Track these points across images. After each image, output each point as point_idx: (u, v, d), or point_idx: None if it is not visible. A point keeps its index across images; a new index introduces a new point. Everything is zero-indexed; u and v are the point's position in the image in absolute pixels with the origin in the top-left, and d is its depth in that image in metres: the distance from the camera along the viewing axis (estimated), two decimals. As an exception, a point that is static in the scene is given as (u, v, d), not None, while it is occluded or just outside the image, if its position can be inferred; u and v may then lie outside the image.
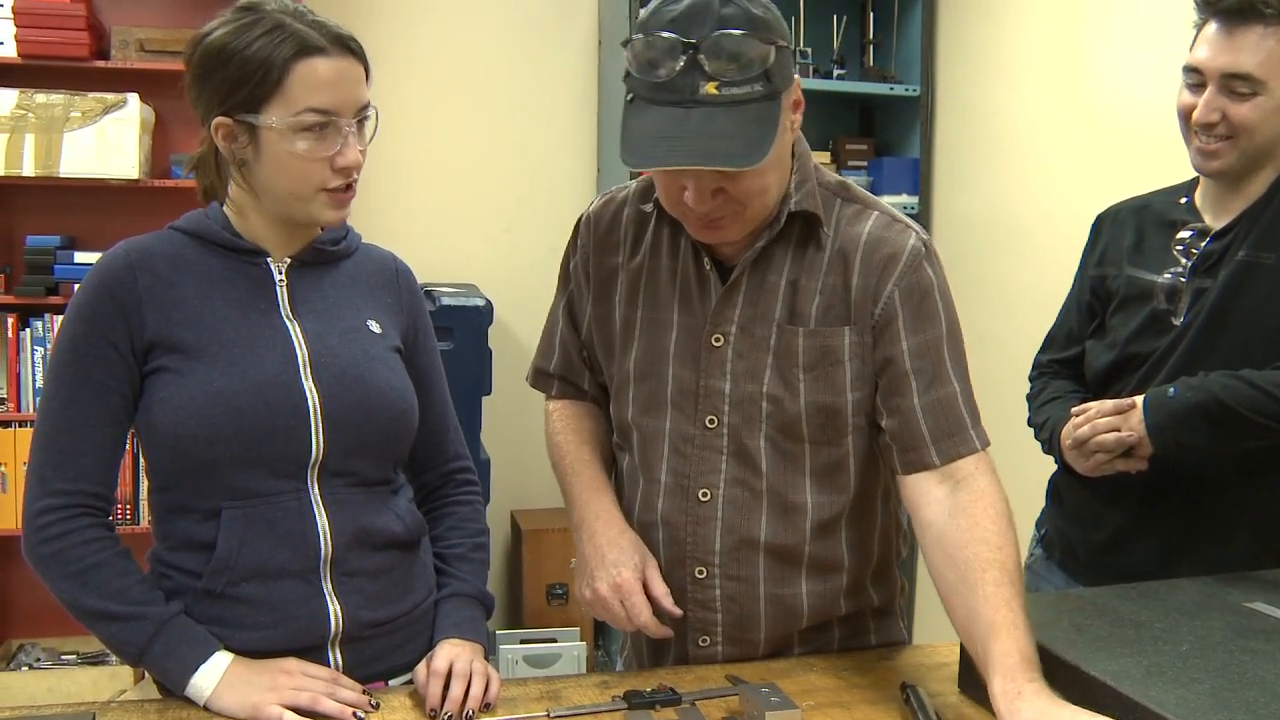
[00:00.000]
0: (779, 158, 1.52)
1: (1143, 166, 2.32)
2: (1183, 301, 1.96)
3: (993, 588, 1.44)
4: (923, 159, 4.23)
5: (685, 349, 1.65)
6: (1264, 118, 1.86)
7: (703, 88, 1.41)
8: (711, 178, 1.47)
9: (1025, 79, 3.70)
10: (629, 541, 1.69)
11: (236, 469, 1.55)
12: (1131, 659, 1.40)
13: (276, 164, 1.54)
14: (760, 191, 1.52)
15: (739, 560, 1.66)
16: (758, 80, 1.43)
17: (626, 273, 1.72)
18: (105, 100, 3.63)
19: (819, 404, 1.61)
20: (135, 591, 1.54)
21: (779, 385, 1.61)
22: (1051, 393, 2.15)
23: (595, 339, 1.78)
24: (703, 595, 1.68)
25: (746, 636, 1.70)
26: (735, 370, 1.62)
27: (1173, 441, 1.85)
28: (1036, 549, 2.26)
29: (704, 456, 1.65)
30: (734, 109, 1.42)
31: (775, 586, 1.68)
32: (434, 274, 4.20)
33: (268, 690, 1.49)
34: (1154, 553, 1.98)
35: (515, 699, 1.59)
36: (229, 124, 1.54)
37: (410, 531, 1.70)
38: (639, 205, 1.72)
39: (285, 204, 1.59)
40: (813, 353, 1.60)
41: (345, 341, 1.64)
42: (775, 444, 1.63)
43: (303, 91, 1.51)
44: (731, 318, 1.62)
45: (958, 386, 1.60)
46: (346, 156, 1.56)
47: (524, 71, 4.38)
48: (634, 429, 1.71)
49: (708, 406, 1.64)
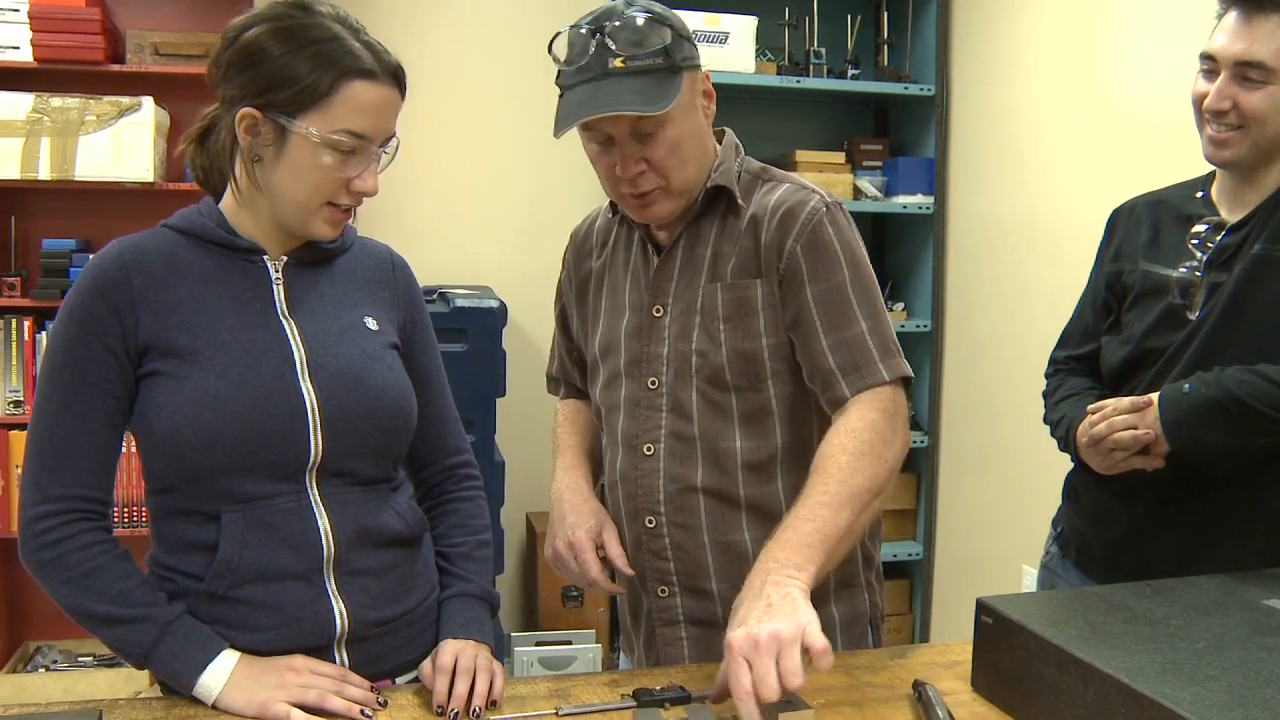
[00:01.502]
0: (693, 134, 1.73)
1: (1159, 163, 2.30)
2: (1198, 296, 1.94)
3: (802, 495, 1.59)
4: (938, 159, 4.22)
5: (634, 325, 1.84)
6: (1275, 107, 1.84)
7: (611, 63, 1.66)
8: (632, 145, 1.69)
9: (1040, 77, 3.68)
10: (590, 509, 1.88)
11: (234, 473, 1.53)
12: (1146, 656, 1.38)
13: (295, 170, 1.53)
14: (678, 164, 1.72)
15: (682, 508, 1.80)
16: (657, 55, 1.67)
17: (596, 271, 1.93)
18: (120, 104, 3.64)
19: (738, 351, 1.75)
20: (138, 594, 1.53)
21: (705, 340, 1.77)
22: (1067, 390, 2.13)
23: (582, 336, 1.98)
24: (655, 545, 1.82)
25: (700, 586, 1.81)
26: (671, 334, 1.80)
27: (1189, 438, 1.83)
28: (1053, 547, 2.24)
29: (648, 415, 1.82)
30: (637, 76, 1.66)
31: (719, 533, 1.79)
32: (448, 276, 4.20)
33: (276, 688, 1.49)
34: (1171, 550, 1.96)
35: (524, 697, 1.58)
36: (257, 117, 1.52)
37: (411, 529, 1.69)
38: (607, 215, 1.95)
39: (287, 209, 1.57)
40: (730, 305, 1.76)
41: (343, 340, 1.63)
42: (705, 395, 1.78)
43: (345, 111, 1.51)
44: (668, 290, 1.81)
45: (864, 325, 1.71)
46: (365, 182, 1.56)
47: (537, 72, 4.33)
48: (602, 404, 1.89)
49: (650, 370, 1.82)
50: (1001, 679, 1.55)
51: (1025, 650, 1.50)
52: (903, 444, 1.70)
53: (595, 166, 1.78)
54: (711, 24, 3.97)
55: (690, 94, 1.72)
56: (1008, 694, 1.54)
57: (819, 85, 4.20)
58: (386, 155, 1.60)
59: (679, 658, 1.84)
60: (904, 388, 1.74)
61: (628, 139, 1.69)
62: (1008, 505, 3.80)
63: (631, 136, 1.69)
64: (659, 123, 1.68)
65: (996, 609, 1.57)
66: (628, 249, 1.89)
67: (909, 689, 1.60)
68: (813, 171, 4.20)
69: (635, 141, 1.70)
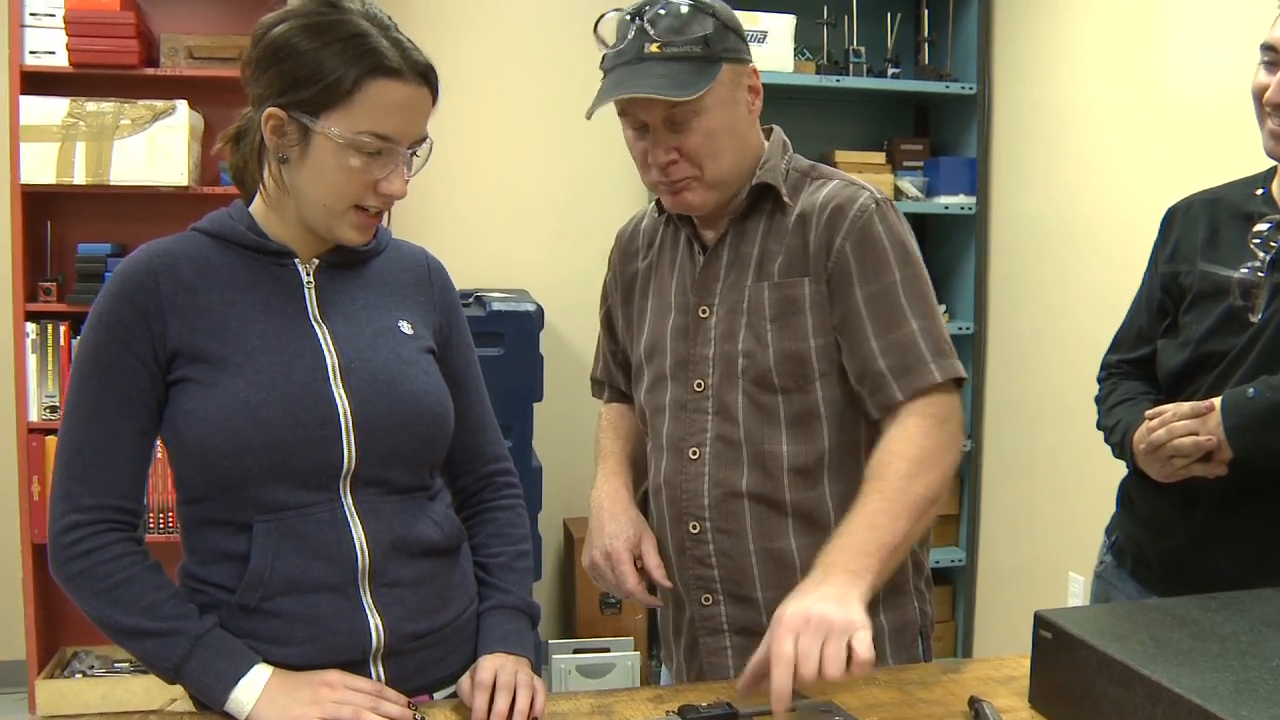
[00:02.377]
0: (730, 127, 1.71)
1: (1215, 159, 2.24)
2: (1261, 297, 1.87)
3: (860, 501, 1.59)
4: (980, 158, 4.17)
5: (680, 326, 1.81)
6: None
7: (647, 48, 1.66)
8: (665, 133, 1.68)
9: (1086, 73, 3.61)
10: (628, 518, 1.84)
11: (265, 482, 1.49)
12: (1218, 675, 1.32)
13: (319, 171, 1.49)
14: (711, 153, 1.69)
15: (727, 513, 1.76)
16: (695, 44, 1.66)
17: (642, 273, 1.91)
18: (155, 107, 3.64)
19: (785, 351, 1.72)
20: (168, 606, 1.49)
21: (752, 340, 1.74)
22: (1122, 394, 2.06)
23: (628, 339, 1.96)
24: (699, 551, 1.78)
25: (745, 594, 1.76)
26: (717, 335, 1.77)
27: (1254, 444, 1.76)
28: (1107, 556, 2.18)
29: (693, 419, 1.78)
30: (673, 62, 1.65)
31: (764, 540, 1.75)
32: (485, 279, 4.18)
33: (309, 704, 1.44)
34: (1232, 562, 1.90)
35: (565, 713, 1.53)
36: (282, 117, 1.48)
37: (449, 539, 1.64)
38: (654, 215, 1.92)
39: (313, 212, 1.53)
40: (777, 304, 1.73)
41: (376, 345, 1.59)
42: (751, 397, 1.74)
43: (369, 111, 1.47)
44: (714, 290, 1.79)
45: (916, 325, 1.68)
46: (392, 185, 1.52)
47: (573, 75, 4.32)
48: (646, 407, 1.86)
49: (695, 372, 1.79)
50: (1062, 696, 1.50)
51: (1087, 666, 1.44)
52: (958, 450, 1.68)
53: (631, 153, 1.76)
54: (750, 23, 3.93)
55: (731, 87, 1.70)
56: (1068, 712, 1.48)
57: (858, 84, 4.16)
58: (419, 159, 1.56)
59: (723, 668, 1.79)
60: (957, 389, 1.71)
61: (661, 126, 1.68)
62: (1053, 510, 3.73)
63: (665, 124, 1.68)
64: (693, 112, 1.66)
65: (1056, 623, 1.51)
66: (674, 249, 1.86)
67: (964, 705, 1.55)
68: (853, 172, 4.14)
69: (668, 129, 1.68)
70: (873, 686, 1.63)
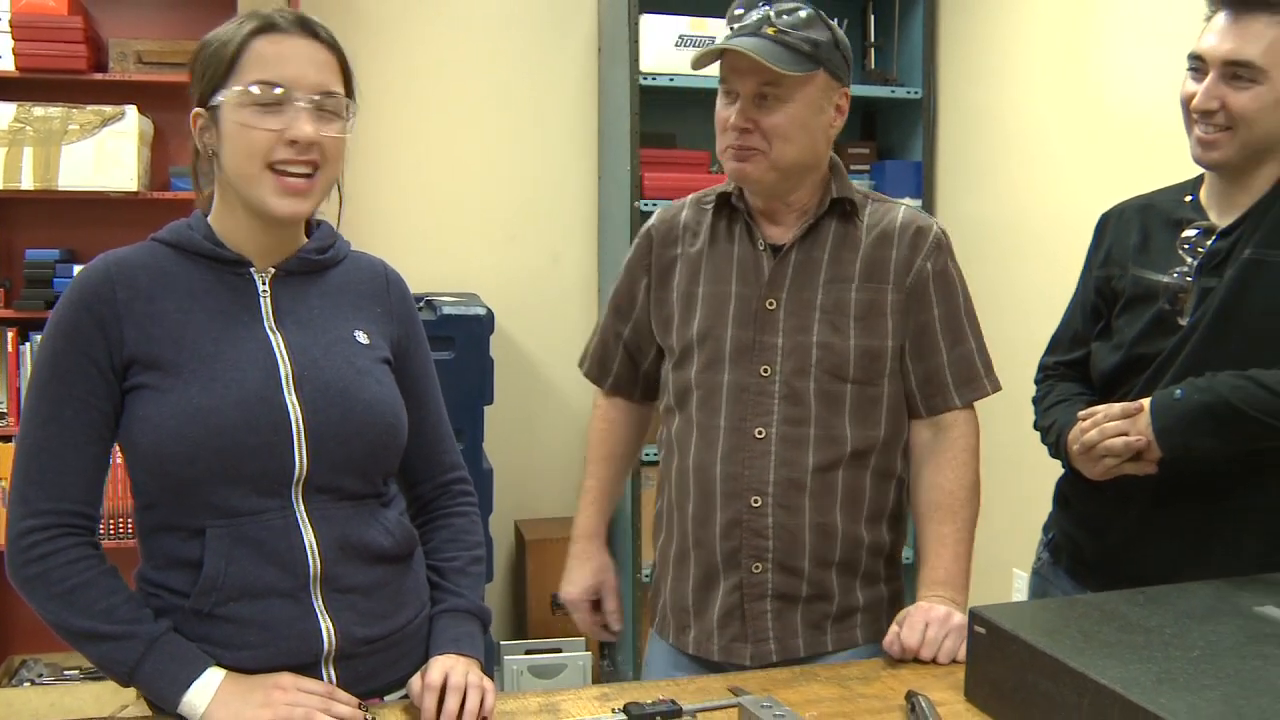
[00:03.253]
0: (806, 124, 1.89)
1: (1150, 165, 2.30)
2: (1189, 301, 1.93)
3: (935, 525, 1.94)
4: (925, 162, 4.22)
5: (742, 314, 1.95)
6: (1263, 109, 1.83)
7: (765, 28, 1.84)
8: (750, 105, 1.86)
9: (1029, 79, 3.68)
10: (590, 568, 2.17)
11: (218, 487, 1.52)
12: (1141, 665, 1.37)
13: (231, 141, 1.53)
14: (784, 135, 1.87)
15: (789, 490, 1.92)
16: (806, 42, 1.84)
17: (686, 259, 2.04)
18: (103, 112, 3.62)
19: (865, 347, 1.92)
20: (123, 610, 1.51)
21: (829, 333, 1.92)
22: (1057, 395, 2.12)
23: (654, 318, 2.08)
24: (757, 524, 1.92)
25: (793, 564, 1.93)
26: (787, 327, 1.93)
27: (1181, 445, 1.81)
28: (1044, 554, 2.23)
29: (759, 401, 1.92)
30: (782, 47, 1.83)
31: (818, 515, 1.93)
32: (435, 283, 4.19)
33: (261, 706, 1.47)
34: (1163, 558, 1.95)
35: (513, 712, 1.57)
36: (202, 114, 1.55)
37: (400, 545, 1.66)
38: (698, 205, 2.07)
39: (240, 186, 1.55)
40: (862, 305, 1.93)
41: (330, 354, 1.61)
42: (821, 385, 1.91)
43: (253, 65, 1.52)
44: (782, 285, 1.94)
45: (974, 344, 1.99)
46: (299, 128, 1.52)
47: (524, 78, 4.36)
48: (695, 385, 1.98)
49: (762, 359, 1.93)
50: (995, 690, 1.54)
51: (1019, 660, 1.49)
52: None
53: (717, 119, 1.93)
54: (697, 29, 3.97)
55: (822, 92, 1.90)
56: (1001, 705, 1.53)
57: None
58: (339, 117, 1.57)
59: (763, 629, 1.95)
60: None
61: (749, 98, 1.86)
62: (997, 509, 3.77)
63: (754, 98, 1.86)
64: (781, 96, 1.85)
65: (989, 619, 1.56)
66: (730, 242, 2.00)
67: (901, 700, 1.59)
68: (800, 176, 4.19)
69: (755, 103, 1.86)
70: (813, 683, 1.67)
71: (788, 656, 1.93)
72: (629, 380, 2.19)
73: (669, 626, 2.05)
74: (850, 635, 1.96)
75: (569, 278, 4.45)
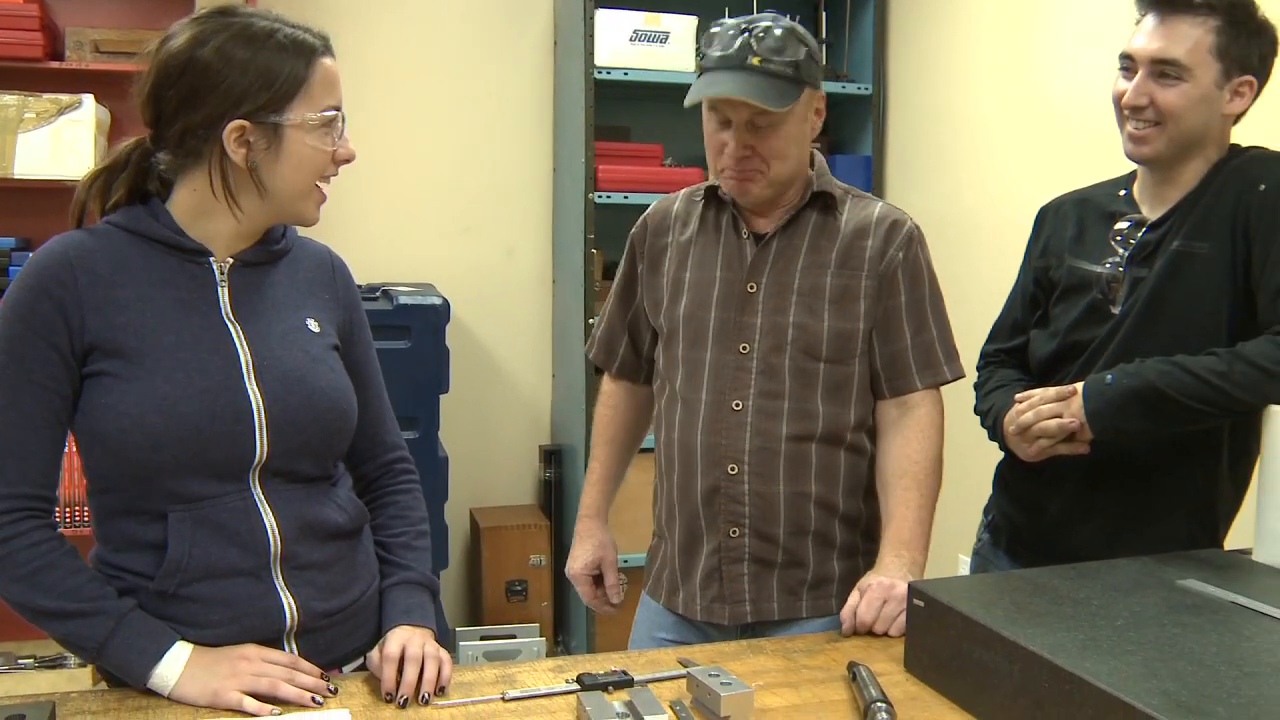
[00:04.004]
0: (798, 139, 2.00)
1: (1090, 162, 2.36)
2: (1120, 291, 2.01)
3: (900, 491, 2.02)
4: (875, 157, 4.28)
5: (725, 296, 2.06)
6: (1189, 104, 1.92)
7: (749, 59, 1.92)
8: (746, 132, 1.95)
9: (975, 77, 3.76)
10: (593, 542, 2.30)
11: (179, 474, 1.54)
12: (1068, 634, 1.45)
13: (298, 160, 1.58)
14: (781, 155, 1.97)
15: (765, 459, 2.02)
16: (789, 67, 1.93)
17: (676, 246, 2.16)
18: (60, 101, 3.61)
19: (838, 329, 2.02)
20: (88, 589, 1.54)
21: (805, 315, 2.02)
22: (997, 381, 2.19)
23: (647, 301, 2.20)
24: (734, 490, 2.03)
25: (768, 530, 2.03)
26: (765, 308, 2.03)
27: (1111, 427, 1.89)
28: (984, 534, 2.31)
29: (737, 376, 2.03)
30: (768, 78, 1.92)
31: (793, 485, 2.02)
32: (390, 273, 4.21)
33: (228, 677, 1.51)
34: (1097, 536, 2.04)
35: (470, 684, 1.62)
36: (246, 126, 1.54)
37: (353, 521, 1.72)
38: (689, 199, 2.19)
39: (286, 202, 1.62)
40: (837, 289, 2.03)
41: (286, 343, 1.65)
42: (796, 363, 2.02)
43: (322, 89, 1.58)
44: (763, 270, 2.05)
45: (935, 333, 2.08)
46: (348, 149, 1.64)
47: (480, 71, 4.39)
48: (681, 362, 2.09)
49: (741, 337, 2.04)
50: (933, 659, 1.62)
51: (955, 631, 1.56)
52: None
53: (708, 141, 2.03)
54: (652, 24, 4.01)
55: (805, 106, 1.99)
56: (939, 673, 1.60)
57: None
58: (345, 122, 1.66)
59: (740, 591, 2.05)
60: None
61: (744, 126, 1.95)
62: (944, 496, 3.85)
63: (748, 126, 1.95)
64: (773, 122, 1.94)
65: (927, 592, 1.63)
66: (717, 232, 2.12)
67: (844, 670, 1.66)
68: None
69: (749, 130, 1.95)
70: (760, 655, 1.74)
71: (763, 618, 2.04)
72: (633, 365, 2.30)
73: (661, 589, 2.17)
74: (825, 604, 2.05)
75: (524, 269, 4.49)
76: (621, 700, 1.52)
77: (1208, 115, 1.95)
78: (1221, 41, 1.92)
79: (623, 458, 2.37)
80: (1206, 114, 1.94)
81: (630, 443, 2.37)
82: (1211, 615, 1.53)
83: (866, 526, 2.11)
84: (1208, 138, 1.97)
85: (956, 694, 1.56)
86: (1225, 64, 1.93)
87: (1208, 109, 1.94)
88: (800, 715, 1.53)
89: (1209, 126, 1.96)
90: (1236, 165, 1.97)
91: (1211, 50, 1.92)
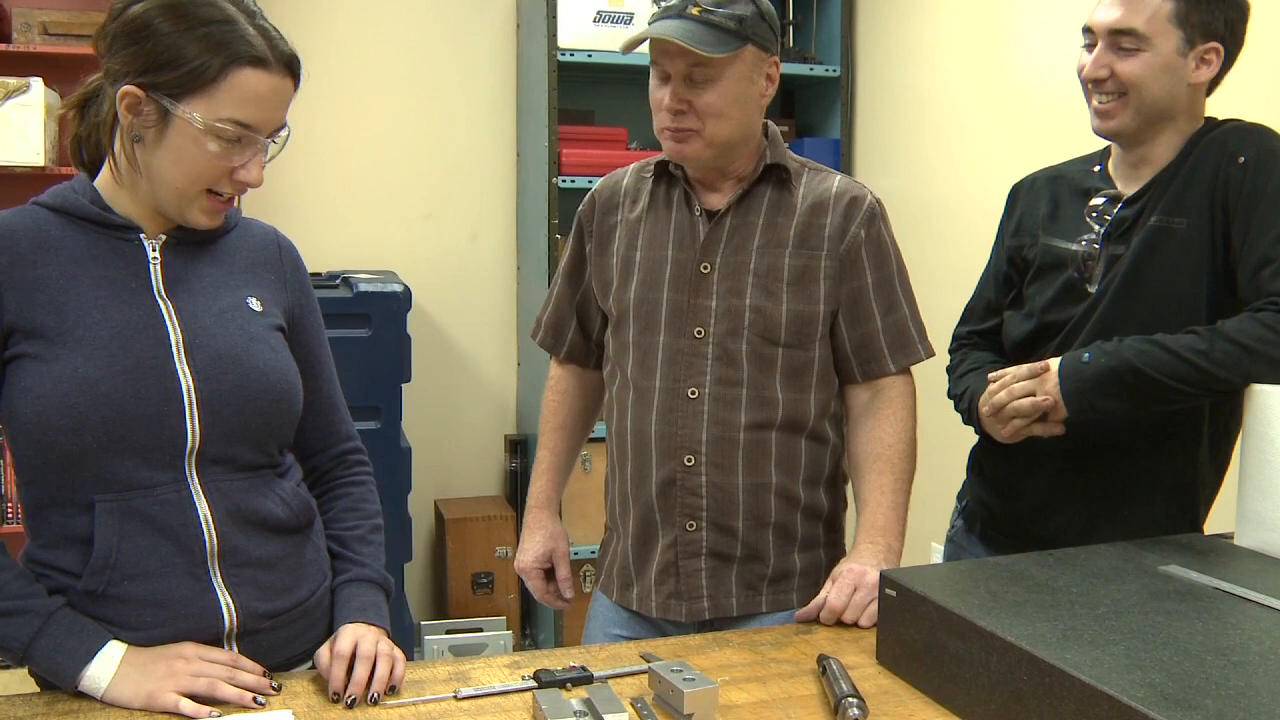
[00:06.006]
0: (740, 99, 1.90)
1: (1060, 142, 2.32)
2: (1097, 269, 1.96)
3: (874, 476, 1.96)
4: (843, 139, 4.24)
5: (678, 278, 1.98)
6: (1151, 74, 1.88)
7: (690, 9, 1.86)
8: (683, 85, 1.88)
9: (944, 57, 3.71)
10: (543, 534, 2.19)
11: (105, 459, 1.47)
12: (1047, 623, 1.39)
13: (177, 155, 1.47)
14: (717, 113, 1.88)
15: (722, 449, 1.94)
16: (731, 20, 1.86)
17: (625, 224, 2.07)
18: (7, 85, 3.53)
19: (797, 312, 1.94)
20: (14, 586, 1.46)
21: (762, 297, 1.93)
22: (970, 364, 2.13)
23: (595, 283, 2.11)
24: (691, 482, 1.95)
25: (726, 523, 1.95)
26: (721, 290, 1.95)
27: (1088, 407, 1.83)
28: (958, 521, 2.25)
29: (692, 362, 1.95)
30: (706, 26, 1.85)
31: (752, 475, 1.95)
32: (352, 261, 4.14)
33: (164, 678, 1.44)
34: (1074, 520, 1.98)
35: (423, 681, 1.55)
36: (140, 95, 1.45)
37: (297, 516, 1.63)
38: (639, 174, 2.10)
39: (165, 193, 1.51)
40: (795, 270, 1.94)
41: (222, 321, 1.57)
42: (754, 347, 1.94)
43: (232, 99, 1.46)
44: (717, 249, 1.96)
45: (907, 310, 2.01)
46: (250, 173, 1.51)
47: (442, 56, 4.32)
48: (632, 347, 2.01)
49: (695, 321, 1.96)
50: (906, 651, 1.55)
51: (928, 621, 1.49)
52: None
53: (652, 100, 1.95)
54: (616, 4, 3.95)
55: (750, 67, 1.90)
56: (912, 666, 1.54)
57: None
58: (275, 145, 1.55)
59: (697, 587, 1.97)
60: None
61: (680, 79, 1.88)
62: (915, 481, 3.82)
63: (685, 79, 1.88)
64: (711, 75, 1.87)
65: (899, 581, 1.57)
66: (668, 208, 2.03)
67: (814, 664, 1.60)
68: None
69: (686, 84, 1.88)
70: (725, 649, 1.67)
71: (721, 615, 1.96)
72: (582, 349, 2.21)
73: (613, 585, 2.08)
74: (786, 598, 1.98)
75: (488, 255, 4.42)
76: (580, 698, 1.45)
77: (1171, 85, 1.89)
78: (1181, 9, 1.87)
79: (572, 446, 2.27)
80: (1170, 83, 1.89)
81: (580, 430, 2.28)
82: (1195, 602, 1.47)
83: (829, 518, 2.05)
84: (1176, 108, 1.91)
85: (931, 687, 1.49)
86: (1186, 31, 1.87)
87: (1171, 78, 1.89)
88: (768, 711, 1.46)
89: (1175, 96, 1.91)
90: (1214, 137, 1.91)
91: (1171, 18, 1.87)
